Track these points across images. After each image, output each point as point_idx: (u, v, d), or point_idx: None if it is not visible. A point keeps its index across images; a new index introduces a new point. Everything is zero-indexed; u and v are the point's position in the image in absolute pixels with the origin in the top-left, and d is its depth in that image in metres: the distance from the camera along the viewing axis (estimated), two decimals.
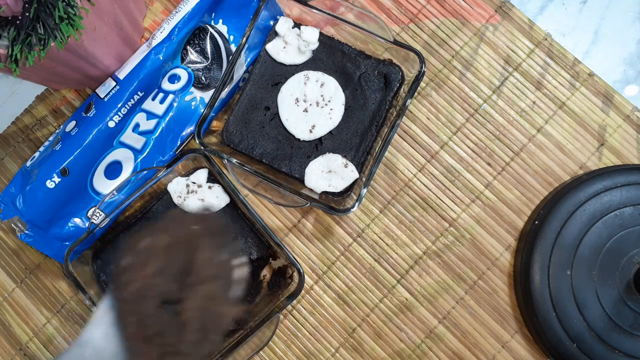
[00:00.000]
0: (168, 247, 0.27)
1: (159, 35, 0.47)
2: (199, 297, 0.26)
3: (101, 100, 0.46)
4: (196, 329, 0.26)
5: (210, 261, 0.27)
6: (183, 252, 0.27)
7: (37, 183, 0.45)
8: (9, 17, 0.36)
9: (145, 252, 0.28)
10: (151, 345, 0.26)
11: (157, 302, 0.27)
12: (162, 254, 0.27)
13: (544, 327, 0.43)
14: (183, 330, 0.26)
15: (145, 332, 0.26)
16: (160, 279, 0.27)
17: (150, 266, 0.27)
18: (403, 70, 0.45)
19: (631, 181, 0.44)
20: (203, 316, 0.26)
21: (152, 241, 0.28)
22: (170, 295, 0.27)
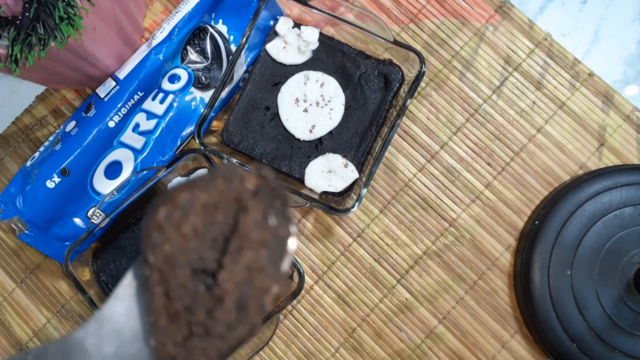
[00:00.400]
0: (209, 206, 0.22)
1: (159, 35, 0.47)
2: (241, 267, 0.21)
3: (101, 100, 0.46)
4: (233, 307, 0.21)
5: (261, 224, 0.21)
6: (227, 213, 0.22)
7: (37, 183, 0.45)
8: (9, 17, 0.36)
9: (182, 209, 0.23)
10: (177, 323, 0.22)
11: (189, 270, 0.22)
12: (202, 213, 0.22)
13: (544, 327, 0.43)
14: (217, 307, 0.21)
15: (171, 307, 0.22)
16: (196, 243, 0.22)
17: (186, 226, 0.22)
18: (403, 70, 0.45)
19: (631, 181, 0.44)
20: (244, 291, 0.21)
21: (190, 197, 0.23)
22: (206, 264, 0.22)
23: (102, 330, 0.23)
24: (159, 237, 0.23)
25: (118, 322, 0.23)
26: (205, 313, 0.22)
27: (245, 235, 0.22)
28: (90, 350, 0.22)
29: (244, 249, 0.21)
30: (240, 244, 0.22)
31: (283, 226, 0.21)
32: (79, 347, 0.22)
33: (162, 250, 0.23)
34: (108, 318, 0.23)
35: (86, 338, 0.22)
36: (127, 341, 0.23)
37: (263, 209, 0.22)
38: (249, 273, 0.21)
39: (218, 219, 0.22)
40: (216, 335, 0.21)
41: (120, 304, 0.23)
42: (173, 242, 0.22)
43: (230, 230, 0.22)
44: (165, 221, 0.23)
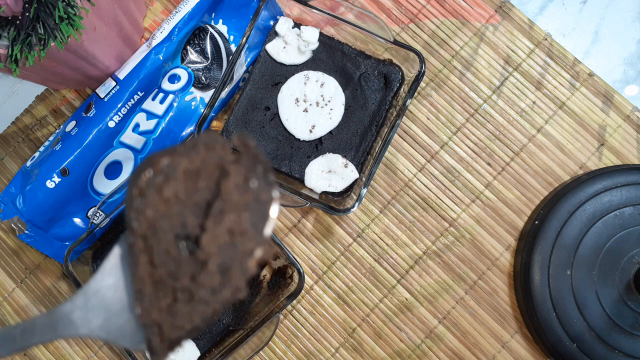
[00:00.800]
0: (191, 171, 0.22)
1: (159, 35, 0.47)
2: (223, 230, 0.21)
3: (101, 100, 0.46)
4: (217, 271, 0.21)
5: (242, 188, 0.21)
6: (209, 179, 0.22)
7: (37, 183, 0.45)
8: (9, 17, 0.36)
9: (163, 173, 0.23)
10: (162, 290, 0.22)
11: (172, 236, 0.22)
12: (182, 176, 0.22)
13: (544, 327, 0.43)
14: (201, 272, 0.21)
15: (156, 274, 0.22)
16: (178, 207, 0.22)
17: (166, 190, 0.22)
18: (403, 70, 0.45)
19: (631, 181, 0.44)
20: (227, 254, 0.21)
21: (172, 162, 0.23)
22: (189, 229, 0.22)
23: (89, 303, 0.23)
24: (141, 202, 0.23)
25: (105, 295, 0.23)
26: (189, 278, 0.22)
27: (227, 198, 0.21)
28: (77, 322, 0.22)
29: (226, 212, 0.21)
30: (222, 208, 0.21)
31: (265, 190, 0.21)
32: (66, 319, 0.22)
33: (145, 216, 0.23)
34: (95, 291, 0.23)
35: (73, 311, 0.22)
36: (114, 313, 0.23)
37: (244, 173, 0.22)
38: (232, 236, 0.21)
39: (200, 184, 0.22)
40: (200, 300, 0.21)
41: (108, 277, 0.23)
42: (155, 207, 0.22)
43: (213, 196, 0.22)
44: (147, 186, 0.23)
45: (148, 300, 0.22)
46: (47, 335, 0.22)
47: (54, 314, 0.22)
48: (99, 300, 0.23)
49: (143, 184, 0.23)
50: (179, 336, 0.22)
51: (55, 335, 0.22)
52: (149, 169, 0.23)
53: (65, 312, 0.22)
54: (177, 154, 0.23)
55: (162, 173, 0.23)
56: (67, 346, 0.48)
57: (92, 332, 0.22)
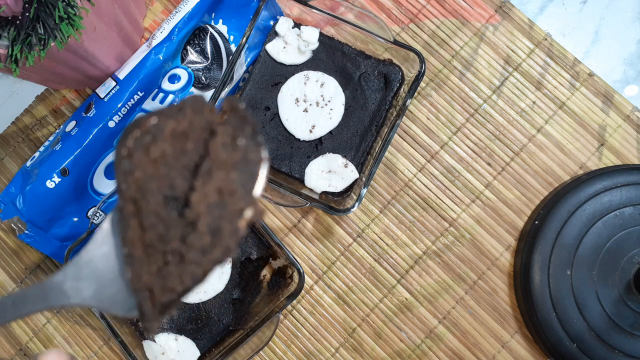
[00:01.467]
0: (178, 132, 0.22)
1: (159, 35, 0.47)
2: (212, 189, 0.21)
3: (101, 100, 0.46)
4: (207, 231, 0.21)
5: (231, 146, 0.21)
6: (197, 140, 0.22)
7: (37, 183, 0.45)
8: (9, 17, 0.36)
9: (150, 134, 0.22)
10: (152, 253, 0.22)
11: (161, 197, 0.22)
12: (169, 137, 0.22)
13: (544, 327, 0.43)
14: (191, 233, 0.21)
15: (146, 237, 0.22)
16: (166, 168, 0.22)
17: (153, 150, 0.22)
18: (403, 70, 0.45)
19: (631, 181, 0.44)
20: (216, 214, 0.20)
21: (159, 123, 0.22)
22: (178, 190, 0.22)
23: (80, 273, 0.23)
24: (128, 163, 0.22)
25: (97, 265, 0.23)
26: (179, 240, 0.21)
27: (215, 158, 0.21)
28: (69, 292, 0.22)
29: (215, 172, 0.21)
30: (211, 167, 0.21)
31: (253, 150, 0.21)
32: (58, 289, 0.22)
33: (133, 178, 0.22)
34: (87, 262, 0.23)
35: (65, 281, 0.22)
36: (105, 283, 0.23)
37: (232, 133, 0.21)
38: (221, 196, 0.21)
39: (188, 145, 0.22)
40: (191, 261, 0.21)
41: (99, 247, 0.23)
42: (143, 168, 0.22)
43: (201, 157, 0.22)
44: (134, 146, 0.22)
45: (138, 264, 0.22)
46: (38, 305, 0.22)
47: (45, 285, 0.22)
48: (91, 270, 0.23)
49: (130, 145, 0.22)
50: (170, 299, 0.21)
51: (46, 305, 0.22)
52: (136, 129, 0.22)
53: (56, 282, 0.22)
54: (165, 115, 0.22)
55: (149, 133, 0.22)
56: (67, 345, 0.48)
57: (84, 301, 0.22)
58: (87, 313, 0.48)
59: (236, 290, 0.45)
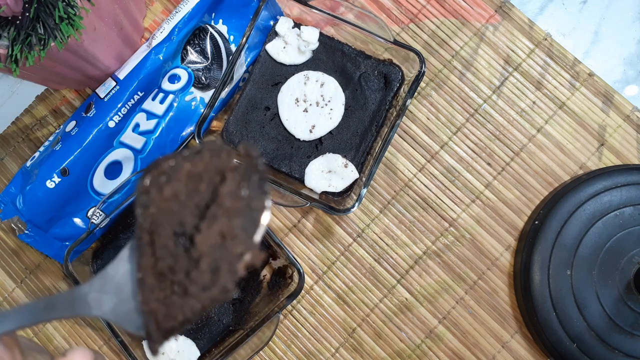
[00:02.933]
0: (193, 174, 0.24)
1: (159, 35, 0.47)
2: (216, 232, 0.23)
3: (101, 100, 0.46)
4: (208, 270, 0.22)
5: (236, 194, 0.23)
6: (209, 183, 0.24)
7: (37, 183, 0.45)
8: (9, 17, 0.36)
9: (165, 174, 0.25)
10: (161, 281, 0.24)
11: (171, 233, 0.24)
12: (184, 179, 0.24)
13: (544, 327, 0.43)
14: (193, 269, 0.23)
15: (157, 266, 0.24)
16: (176, 206, 0.24)
17: (167, 189, 0.24)
18: (403, 70, 0.45)
19: (631, 181, 0.44)
20: (217, 255, 0.22)
21: (176, 164, 0.24)
22: (187, 228, 0.24)
23: (104, 287, 0.25)
24: (145, 199, 0.25)
25: (119, 282, 0.25)
26: (184, 273, 0.23)
27: (222, 203, 0.23)
28: (91, 304, 0.24)
29: (220, 216, 0.23)
30: (217, 211, 0.23)
31: (258, 199, 0.23)
32: (83, 300, 0.24)
33: (149, 212, 0.24)
34: (111, 277, 0.25)
35: (89, 293, 0.24)
36: (124, 299, 0.25)
37: (240, 181, 0.23)
38: (223, 239, 0.22)
39: (200, 187, 0.24)
40: (192, 295, 0.23)
41: (123, 265, 0.25)
42: (157, 205, 0.24)
43: (211, 199, 0.24)
44: (151, 184, 0.25)
45: (148, 289, 0.24)
46: (65, 312, 0.24)
47: (73, 294, 0.24)
48: (113, 286, 0.25)
49: (148, 183, 0.25)
50: (171, 326, 0.23)
51: (72, 313, 0.24)
52: (154, 169, 0.25)
53: (82, 293, 0.24)
54: (182, 157, 0.25)
55: (166, 174, 0.25)
56: (67, 345, 0.48)
57: (103, 314, 0.24)
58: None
59: (236, 290, 0.45)
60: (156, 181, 0.25)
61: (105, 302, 0.25)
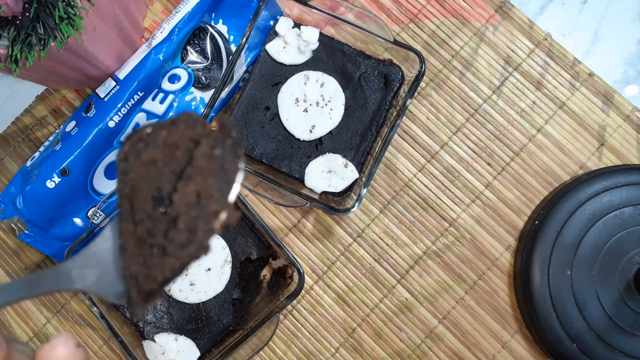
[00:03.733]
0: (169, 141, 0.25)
1: (159, 35, 0.47)
2: (192, 191, 0.23)
3: (101, 100, 0.46)
4: (184, 228, 0.23)
5: (210, 155, 0.24)
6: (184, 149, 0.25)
7: (37, 183, 0.45)
8: (9, 17, 0.36)
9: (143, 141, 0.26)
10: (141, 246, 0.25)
11: (149, 197, 0.25)
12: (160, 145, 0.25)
13: (544, 327, 0.43)
14: (171, 229, 0.24)
15: (137, 231, 0.25)
16: (154, 171, 0.25)
17: (144, 155, 0.25)
18: (403, 70, 0.45)
19: (631, 181, 0.44)
20: (193, 214, 0.23)
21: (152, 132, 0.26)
22: (163, 190, 0.25)
23: (86, 263, 0.26)
24: (125, 165, 0.26)
25: (101, 257, 0.26)
26: (162, 235, 0.24)
27: (197, 165, 0.24)
28: (74, 278, 0.25)
29: (195, 177, 0.24)
30: (192, 173, 0.24)
31: (231, 160, 0.23)
32: (67, 275, 0.25)
33: (128, 178, 0.26)
34: (93, 254, 0.26)
35: (73, 268, 0.26)
36: (106, 272, 0.26)
37: (213, 143, 0.24)
38: (199, 198, 0.23)
39: (177, 153, 0.25)
40: (171, 254, 0.23)
41: (105, 242, 0.26)
42: (136, 171, 0.25)
43: (187, 163, 0.25)
44: (130, 151, 0.26)
45: (129, 254, 0.25)
46: (50, 287, 0.25)
47: (57, 270, 0.25)
48: (95, 261, 0.26)
49: (127, 150, 0.26)
50: (152, 288, 0.24)
51: (56, 287, 0.25)
52: (133, 137, 0.26)
53: (66, 269, 0.26)
54: (159, 126, 0.26)
55: (143, 140, 0.26)
56: None
57: (86, 287, 0.26)
58: (87, 313, 0.48)
59: (236, 290, 0.45)
60: (134, 147, 0.26)
61: (88, 276, 0.26)
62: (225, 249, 0.45)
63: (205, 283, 0.44)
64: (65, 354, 0.23)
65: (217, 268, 0.44)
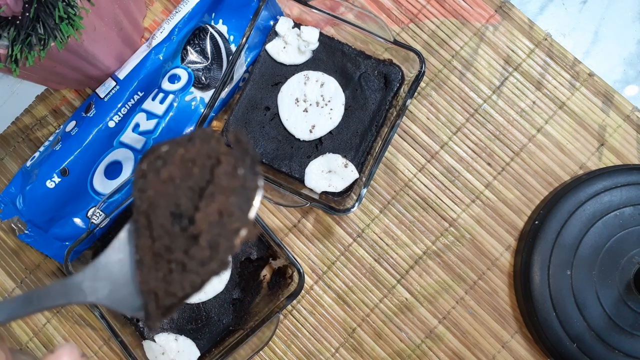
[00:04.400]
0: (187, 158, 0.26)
1: (159, 35, 0.47)
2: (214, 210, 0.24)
3: (101, 100, 0.46)
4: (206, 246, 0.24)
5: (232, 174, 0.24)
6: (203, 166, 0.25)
7: (37, 183, 0.45)
8: (9, 17, 0.36)
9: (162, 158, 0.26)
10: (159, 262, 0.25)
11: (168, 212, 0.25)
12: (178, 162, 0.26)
13: (544, 327, 0.43)
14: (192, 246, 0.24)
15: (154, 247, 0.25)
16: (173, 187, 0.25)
17: (164, 172, 0.26)
18: (403, 70, 0.45)
19: (631, 181, 0.44)
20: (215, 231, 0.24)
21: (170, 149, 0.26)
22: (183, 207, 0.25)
23: (97, 275, 0.26)
24: (142, 183, 0.26)
25: (112, 269, 0.26)
26: (182, 252, 0.24)
27: (218, 183, 0.25)
28: (86, 291, 0.25)
29: (217, 195, 0.24)
30: (214, 191, 0.25)
31: (251, 179, 0.24)
32: (77, 288, 0.25)
33: (146, 195, 0.26)
34: (103, 265, 0.26)
35: (83, 281, 0.25)
36: (119, 286, 0.26)
37: (234, 163, 0.25)
38: (221, 216, 0.24)
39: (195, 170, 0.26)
40: (191, 271, 0.24)
41: (116, 254, 0.26)
42: (154, 188, 0.26)
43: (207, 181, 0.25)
44: (148, 168, 0.26)
45: (147, 270, 0.25)
46: (59, 300, 0.25)
47: (67, 283, 0.25)
48: (106, 273, 0.26)
49: (145, 167, 0.26)
50: (172, 303, 0.24)
51: (66, 300, 0.25)
52: (151, 154, 0.27)
53: (76, 281, 0.25)
54: (176, 143, 0.26)
55: (161, 158, 0.26)
56: None
57: (99, 300, 0.25)
58: (87, 313, 0.48)
59: (236, 290, 0.45)
60: (152, 165, 0.26)
61: (100, 289, 0.26)
62: None
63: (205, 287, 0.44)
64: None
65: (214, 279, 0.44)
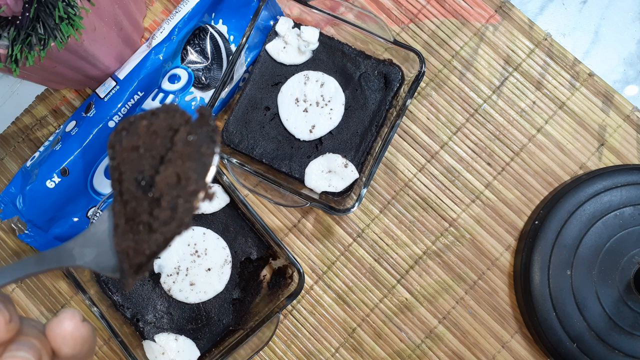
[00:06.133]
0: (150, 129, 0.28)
1: (159, 35, 0.47)
2: (171, 173, 0.26)
3: (101, 100, 0.46)
4: (167, 207, 0.26)
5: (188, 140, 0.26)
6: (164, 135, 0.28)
7: (37, 183, 0.45)
8: (9, 17, 0.36)
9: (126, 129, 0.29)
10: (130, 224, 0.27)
11: (133, 179, 0.28)
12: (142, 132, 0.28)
13: (544, 327, 0.43)
14: (154, 207, 0.26)
15: (126, 210, 0.28)
16: (137, 156, 0.28)
17: (128, 141, 0.28)
18: (403, 70, 0.45)
19: (631, 181, 0.44)
20: (174, 193, 0.26)
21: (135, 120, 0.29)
22: (147, 173, 0.27)
23: (85, 242, 0.29)
24: (112, 153, 0.29)
25: (100, 237, 0.29)
26: (148, 213, 0.27)
27: (176, 150, 0.26)
28: (75, 256, 0.28)
29: (174, 160, 0.26)
30: (172, 157, 0.26)
31: (207, 146, 0.26)
32: (68, 253, 0.28)
33: (116, 164, 0.28)
34: (92, 234, 0.29)
35: (74, 248, 0.28)
36: (104, 251, 0.29)
37: (190, 130, 0.26)
38: (178, 179, 0.26)
39: (157, 139, 0.28)
40: (156, 230, 0.26)
41: (102, 224, 0.29)
42: (121, 156, 0.28)
43: (167, 149, 0.27)
44: (115, 139, 0.29)
45: (121, 232, 0.28)
46: (53, 264, 0.27)
47: (59, 249, 0.28)
48: (93, 241, 0.29)
49: (113, 138, 0.29)
50: (141, 261, 0.26)
51: (58, 264, 0.27)
52: (118, 126, 0.29)
53: (68, 248, 0.28)
54: (141, 116, 0.29)
55: (126, 129, 0.29)
56: None
57: (86, 264, 0.28)
58: (87, 313, 0.48)
59: (236, 290, 0.45)
60: (119, 136, 0.29)
61: (87, 254, 0.28)
62: (226, 249, 0.45)
63: (205, 283, 0.44)
64: (71, 328, 0.25)
65: (217, 268, 0.44)
